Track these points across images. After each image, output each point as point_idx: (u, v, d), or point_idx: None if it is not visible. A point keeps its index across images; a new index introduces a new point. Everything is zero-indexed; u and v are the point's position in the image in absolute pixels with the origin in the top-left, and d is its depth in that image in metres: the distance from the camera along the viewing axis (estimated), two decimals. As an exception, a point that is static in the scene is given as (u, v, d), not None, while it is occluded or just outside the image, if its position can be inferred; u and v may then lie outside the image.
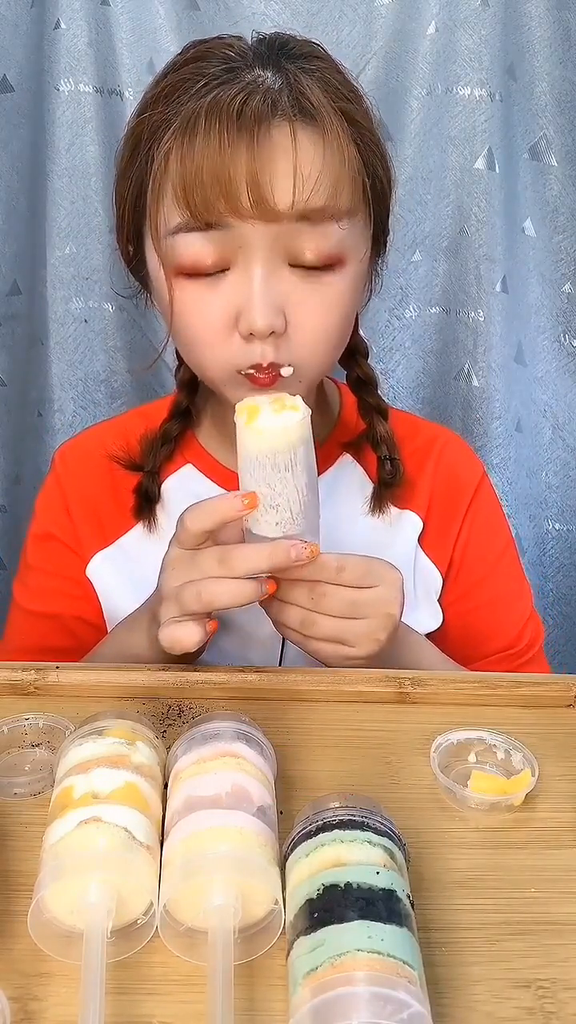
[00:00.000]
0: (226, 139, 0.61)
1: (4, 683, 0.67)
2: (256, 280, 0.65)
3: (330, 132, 0.64)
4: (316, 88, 0.65)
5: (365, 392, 0.81)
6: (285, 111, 0.63)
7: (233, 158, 0.62)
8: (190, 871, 0.47)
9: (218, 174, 0.62)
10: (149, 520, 0.81)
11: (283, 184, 0.63)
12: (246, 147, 0.62)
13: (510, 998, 0.46)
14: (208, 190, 0.62)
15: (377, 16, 1.14)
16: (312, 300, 0.67)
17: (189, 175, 0.62)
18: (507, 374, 1.27)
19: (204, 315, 0.67)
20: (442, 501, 0.84)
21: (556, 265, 1.24)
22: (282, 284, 0.66)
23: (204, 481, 0.83)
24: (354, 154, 0.66)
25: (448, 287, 1.26)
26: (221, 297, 0.66)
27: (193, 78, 0.64)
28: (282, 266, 0.66)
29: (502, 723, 0.64)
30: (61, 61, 1.15)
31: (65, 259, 1.23)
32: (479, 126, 1.16)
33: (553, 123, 1.17)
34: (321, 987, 0.41)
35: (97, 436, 0.89)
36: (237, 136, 0.61)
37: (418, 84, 1.17)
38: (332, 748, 0.63)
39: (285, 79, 0.64)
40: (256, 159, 0.62)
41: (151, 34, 1.15)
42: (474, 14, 1.12)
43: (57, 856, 0.47)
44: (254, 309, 0.65)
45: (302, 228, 0.64)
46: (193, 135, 0.62)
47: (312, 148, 0.64)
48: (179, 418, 0.83)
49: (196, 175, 0.62)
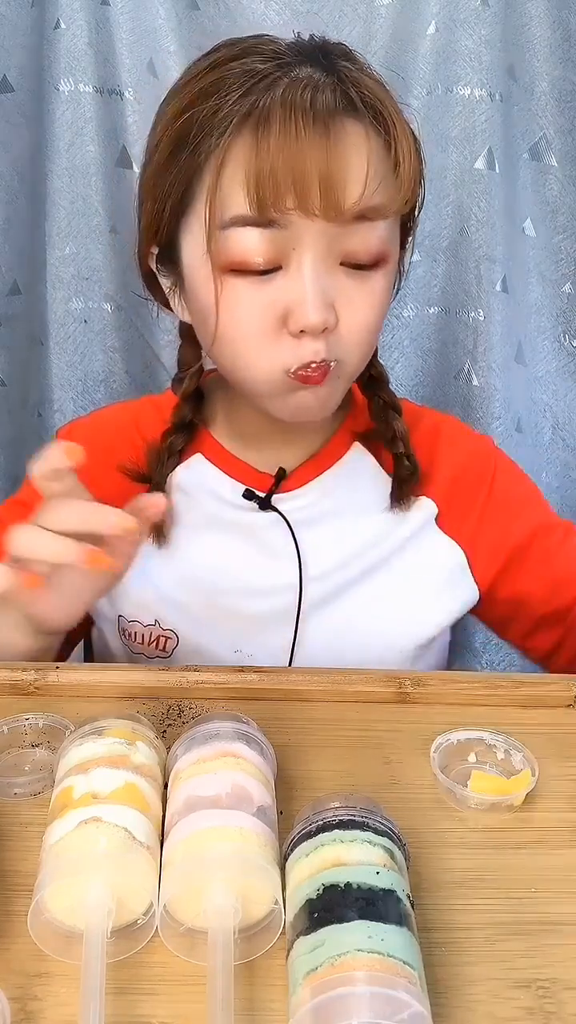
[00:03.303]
0: (302, 134, 0.61)
1: (4, 683, 0.67)
2: (309, 277, 0.64)
3: (399, 132, 0.65)
4: (374, 85, 0.65)
5: (378, 389, 0.81)
6: (355, 108, 0.63)
7: (307, 154, 0.61)
8: (190, 871, 0.47)
9: (292, 169, 0.61)
10: (158, 533, 0.80)
11: (352, 183, 0.63)
12: (320, 143, 0.61)
13: (510, 998, 0.46)
14: (280, 184, 0.61)
15: (377, 16, 1.14)
16: (359, 297, 0.67)
17: (262, 168, 0.61)
18: (507, 374, 1.27)
19: (252, 315, 0.66)
20: (458, 482, 0.83)
21: (556, 265, 1.24)
22: (333, 281, 0.66)
23: (214, 470, 0.81)
24: (415, 152, 0.66)
25: (448, 287, 1.26)
26: (269, 296, 0.65)
27: (242, 73, 0.63)
28: (334, 264, 0.66)
29: (502, 723, 0.64)
30: (61, 61, 1.15)
31: (65, 259, 1.23)
32: (479, 126, 1.16)
33: (553, 123, 1.17)
34: (321, 987, 0.41)
35: (107, 421, 0.87)
36: (312, 132, 0.61)
37: (418, 84, 1.16)
38: (332, 748, 0.63)
39: (340, 76, 0.64)
40: (330, 157, 0.61)
41: (151, 34, 1.15)
42: (474, 14, 1.12)
43: (57, 856, 0.47)
44: (307, 305, 0.64)
45: (358, 226, 0.64)
46: (267, 127, 0.61)
47: (381, 147, 0.64)
48: (184, 431, 0.81)
49: (269, 168, 0.61)
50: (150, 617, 0.81)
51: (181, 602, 0.81)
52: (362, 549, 0.81)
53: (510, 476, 0.86)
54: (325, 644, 0.80)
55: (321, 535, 0.80)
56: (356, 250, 0.65)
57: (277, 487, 0.80)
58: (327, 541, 0.80)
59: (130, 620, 0.82)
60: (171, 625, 0.81)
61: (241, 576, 0.80)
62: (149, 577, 0.81)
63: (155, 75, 1.15)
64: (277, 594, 0.80)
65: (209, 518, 0.81)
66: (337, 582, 0.80)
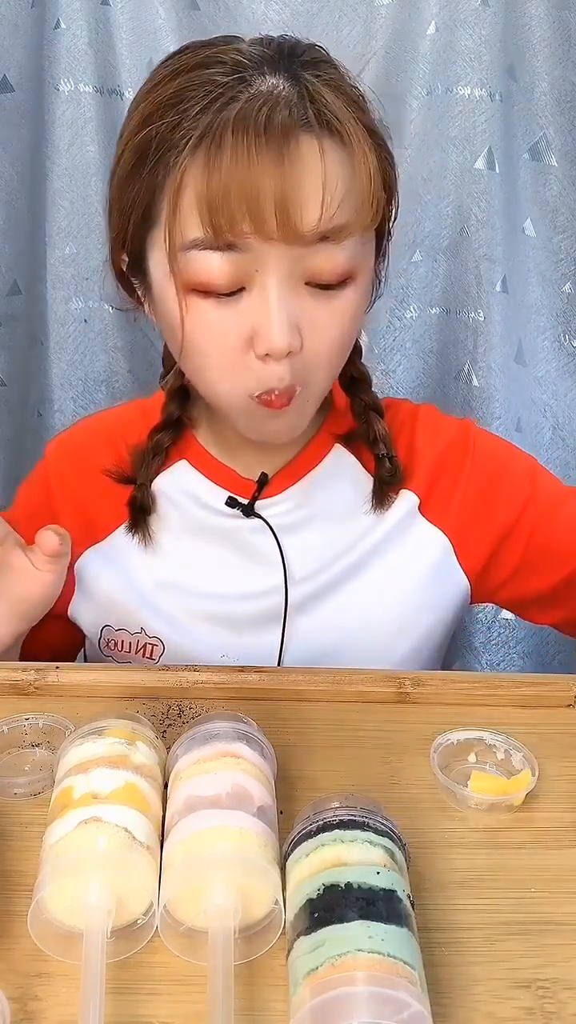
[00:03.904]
0: (254, 156, 0.59)
1: (4, 683, 0.67)
2: (273, 300, 0.63)
3: (356, 148, 0.63)
4: (337, 100, 0.63)
5: (360, 390, 0.81)
6: (311, 125, 0.61)
7: (260, 176, 0.59)
8: (190, 871, 0.47)
9: (245, 193, 0.60)
10: (144, 534, 0.80)
11: (310, 204, 0.61)
12: (273, 165, 0.59)
13: (510, 998, 0.46)
14: (234, 209, 0.60)
15: (377, 16, 1.14)
16: (325, 317, 0.66)
17: (215, 192, 0.60)
18: (507, 374, 1.27)
19: (217, 336, 0.66)
20: (438, 469, 0.82)
21: (556, 265, 1.24)
22: (297, 302, 0.65)
23: (197, 476, 0.81)
24: (376, 168, 0.64)
25: (448, 287, 1.26)
26: (235, 317, 0.65)
27: (202, 85, 0.62)
28: (298, 285, 0.65)
29: (502, 723, 0.64)
30: (61, 61, 1.15)
31: (65, 259, 1.23)
32: (479, 126, 1.16)
33: (553, 123, 1.17)
34: (321, 987, 0.41)
35: (93, 431, 0.87)
36: (265, 153, 0.59)
37: (418, 84, 1.17)
38: (332, 748, 0.63)
39: (302, 89, 0.62)
40: (284, 178, 0.60)
41: (151, 34, 1.15)
42: (474, 14, 1.12)
43: (57, 856, 0.47)
44: (272, 329, 0.63)
45: (321, 247, 0.63)
46: (219, 150, 0.60)
47: (339, 166, 0.62)
48: (171, 429, 0.81)
49: (222, 193, 0.60)
50: (136, 626, 0.81)
51: (166, 609, 0.81)
52: (346, 549, 0.80)
53: (491, 457, 0.84)
54: (313, 645, 0.80)
55: (305, 538, 0.80)
56: (321, 271, 0.64)
57: (260, 493, 0.79)
58: (311, 544, 0.80)
59: (116, 629, 0.82)
60: (156, 633, 0.80)
61: (226, 582, 0.80)
62: (134, 585, 0.81)
63: (155, 75, 1.15)
64: (263, 598, 0.80)
65: (193, 525, 0.81)
66: (322, 583, 0.80)
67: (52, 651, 0.83)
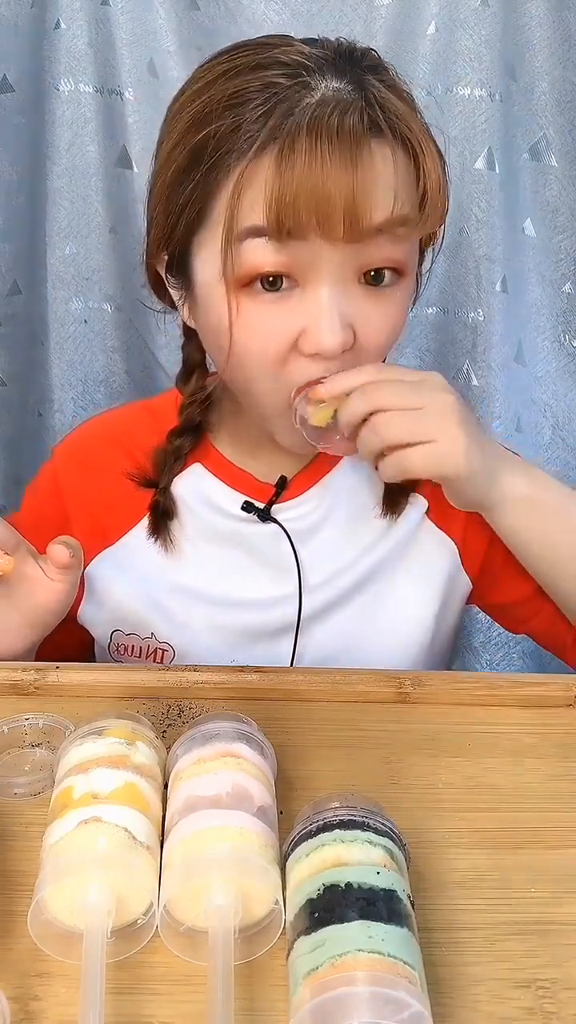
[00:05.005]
0: (327, 160, 0.59)
1: (4, 683, 0.67)
2: (325, 298, 0.63)
3: (426, 154, 0.63)
4: (402, 105, 0.63)
5: None
6: (381, 131, 0.61)
7: (332, 181, 0.59)
8: (190, 871, 0.47)
9: (316, 197, 0.59)
10: (165, 538, 0.80)
11: (377, 208, 0.61)
12: (344, 170, 0.59)
13: (510, 998, 0.46)
14: (302, 212, 0.60)
15: (377, 16, 1.14)
16: (378, 315, 0.66)
17: (284, 195, 0.60)
18: (507, 374, 1.27)
19: (265, 334, 0.65)
20: None
21: (556, 265, 1.24)
22: (350, 300, 0.65)
23: (212, 480, 0.81)
24: (442, 175, 0.65)
25: (447, 287, 1.26)
26: (284, 316, 0.64)
27: (264, 87, 0.61)
28: (352, 281, 0.65)
29: (502, 723, 0.64)
30: (61, 61, 1.15)
31: (65, 259, 1.23)
32: (479, 126, 1.16)
33: (553, 123, 1.17)
34: (322, 987, 0.41)
35: (100, 433, 0.86)
36: (338, 157, 0.59)
37: (418, 84, 1.15)
38: (332, 748, 0.63)
39: (368, 94, 0.62)
40: (356, 183, 0.60)
41: (151, 34, 1.15)
42: (474, 14, 1.12)
43: (57, 856, 0.47)
44: (323, 328, 0.63)
45: (380, 246, 0.63)
46: (292, 154, 0.59)
47: (405, 171, 0.63)
48: (191, 433, 0.80)
49: (292, 196, 0.60)
50: (146, 631, 0.81)
51: (177, 615, 0.80)
52: (360, 555, 0.80)
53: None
54: (326, 654, 0.80)
55: (320, 544, 0.80)
56: (376, 267, 0.64)
57: (278, 496, 0.79)
58: (326, 550, 0.80)
59: (127, 634, 0.81)
60: (167, 638, 0.80)
61: (240, 588, 0.80)
62: (145, 590, 0.81)
63: (155, 75, 1.15)
64: (276, 606, 0.79)
65: (208, 530, 0.80)
66: (336, 591, 0.80)
67: (62, 653, 0.82)
